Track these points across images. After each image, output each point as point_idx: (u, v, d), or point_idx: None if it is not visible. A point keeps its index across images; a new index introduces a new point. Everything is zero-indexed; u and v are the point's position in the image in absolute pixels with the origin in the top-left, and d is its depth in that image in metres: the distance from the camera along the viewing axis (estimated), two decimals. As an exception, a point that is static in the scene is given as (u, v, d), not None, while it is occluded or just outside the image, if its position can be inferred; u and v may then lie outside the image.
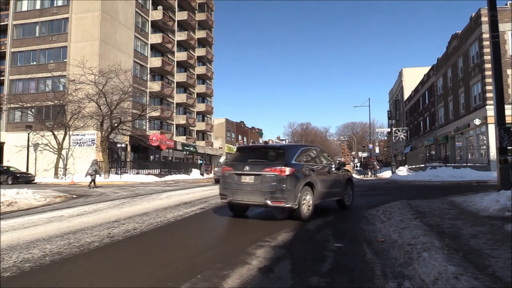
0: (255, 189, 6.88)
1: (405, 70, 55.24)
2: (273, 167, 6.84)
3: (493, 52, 8.81)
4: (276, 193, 6.69)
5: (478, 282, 3.09)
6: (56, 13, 35.78)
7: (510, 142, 9.06)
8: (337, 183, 8.56)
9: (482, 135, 25.80)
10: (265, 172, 6.84)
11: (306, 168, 7.34)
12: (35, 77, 35.56)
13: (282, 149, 7.52)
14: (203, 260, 4.38)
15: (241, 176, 7.12)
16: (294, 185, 6.75)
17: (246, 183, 7.03)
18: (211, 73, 58.79)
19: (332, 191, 8.33)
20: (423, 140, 42.81)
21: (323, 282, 3.52)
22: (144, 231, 6.19)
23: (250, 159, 7.43)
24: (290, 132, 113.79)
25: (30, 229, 6.45)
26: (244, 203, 7.24)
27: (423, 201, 9.14)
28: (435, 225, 5.79)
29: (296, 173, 6.89)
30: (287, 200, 6.68)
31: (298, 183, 6.83)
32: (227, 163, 8.49)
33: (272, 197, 6.70)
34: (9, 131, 35.32)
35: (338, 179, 8.61)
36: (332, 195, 8.39)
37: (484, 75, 24.20)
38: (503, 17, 22.67)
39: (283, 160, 7.00)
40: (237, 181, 7.15)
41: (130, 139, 35.10)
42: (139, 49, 40.85)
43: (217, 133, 62.58)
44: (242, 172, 7.11)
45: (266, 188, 6.76)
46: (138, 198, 12.46)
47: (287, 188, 6.67)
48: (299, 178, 6.89)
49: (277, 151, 7.59)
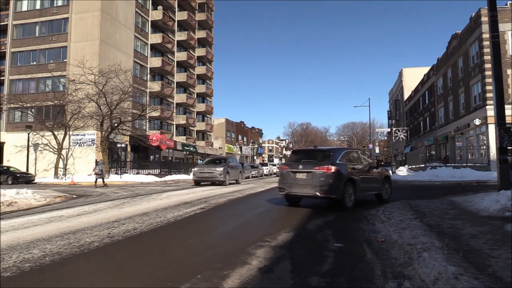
0: (307, 184, 8.58)
1: (405, 70, 55.24)
2: (321, 166, 8.45)
3: (493, 52, 8.80)
4: (323, 187, 8.27)
5: (478, 282, 3.08)
6: (56, 13, 35.78)
7: (510, 142, 9.06)
8: (376, 180, 9.98)
9: (482, 135, 25.80)
10: (315, 170, 8.48)
11: (349, 167, 8.84)
12: (35, 77, 35.56)
13: (329, 152, 9.18)
14: (203, 260, 4.38)
15: (296, 173, 8.87)
16: (338, 181, 8.28)
17: (300, 179, 8.75)
18: (211, 73, 58.80)
19: (371, 186, 9.76)
20: (423, 140, 42.81)
21: (323, 282, 3.52)
22: (144, 231, 6.19)
23: (303, 159, 9.18)
24: (290, 132, 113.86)
25: (30, 229, 6.45)
26: (298, 194, 9.00)
27: (423, 201, 9.14)
28: (435, 225, 5.79)
29: (340, 171, 8.41)
30: (333, 192, 8.27)
31: (342, 179, 8.36)
32: (284, 163, 10.72)
33: (321, 190, 8.29)
34: (9, 131, 35.32)
35: (376, 176, 10.03)
36: (371, 189, 9.85)
37: (484, 75, 24.19)
38: (503, 17, 22.67)
39: (329, 160, 8.59)
40: (292, 177, 8.91)
41: (130, 139, 35.11)
42: (139, 49, 40.84)
43: (217, 133, 62.58)
44: (297, 170, 8.87)
45: (316, 183, 8.38)
46: (138, 198, 12.46)
47: (332, 182, 8.23)
48: (342, 175, 8.42)
49: (324, 153, 9.19)
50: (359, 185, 8.94)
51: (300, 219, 7.41)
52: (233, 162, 22.25)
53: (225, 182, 19.18)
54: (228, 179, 19.68)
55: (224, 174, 19.10)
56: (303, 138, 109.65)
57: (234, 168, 21.29)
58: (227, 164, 20.32)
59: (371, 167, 9.93)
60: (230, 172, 20.17)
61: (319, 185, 8.32)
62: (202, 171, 19.50)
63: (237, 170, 21.73)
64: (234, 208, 9.77)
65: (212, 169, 19.28)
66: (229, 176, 19.98)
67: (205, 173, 19.32)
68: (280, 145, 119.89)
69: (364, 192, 9.39)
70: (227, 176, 19.56)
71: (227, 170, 19.55)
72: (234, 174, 20.96)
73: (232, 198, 12.19)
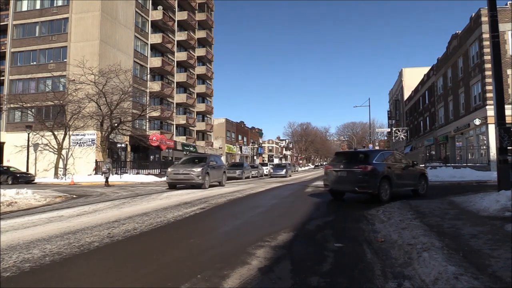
0: (348, 180, 10.03)
1: (405, 70, 55.23)
2: (360, 165, 9.80)
3: (493, 52, 8.80)
4: (361, 183, 9.58)
5: (478, 282, 3.08)
6: (56, 13, 35.77)
7: (510, 142, 9.06)
8: (411, 177, 11.09)
9: (482, 135, 25.79)
10: (354, 169, 9.88)
11: (384, 166, 10.06)
12: (35, 77, 35.55)
13: (366, 153, 10.66)
14: (203, 260, 4.38)
15: (338, 172, 10.40)
16: (374, 178, 9.52)
17: (341, 176, 10.28)
18: (211, 73, 58.80)
19: (406, 182, 10.91)
20: (423, 140, 42.80)
21: (323, 282, 3.52)
22: (144, 231, 6.19)
23: (344, 160, 10.77)
24: (290, 132, 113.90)
25: (30, 229, 6.44)
26: (340, 189, 10.76)
27: (423, 201, 9.14)
28: (435, 225, 5.79)
29: (376, 169, 9.68)
30: (369, 188, 9.54)
31: (377, 177, 9.57)
32: (328, 163, 12.31)
33: (359, 186, 9.62)
34: (9, 131, 35.31)
35: (411, 174, 11.16)
36: (406, 185, 10.97)
37: (484, 75, 24.19)
38: (503, 17, 22.67)
39: (367, 160, 9.97)
40: (335, 175, 10.47)
41: (130, 139, 35.10)
42: (139, 49, 40.84)
43: (217, 133, 62.57)
44: (339, 169, 10.41)
45: (355, 180, 9.73)
46: (138, 198, 12.46)
47: (369, 179, 9.51)
48: (378, 173, 9.64)
49: (362, 154, 10.63)
50: (394, 182, 10.12)
51: (300, 219, 7.42)
52: (216, 161, 19.58)
53: (204, 184, 16.64)
54: (208, 181, 17.10)
55: (202, 175, 16.58)
56: (303, 138, 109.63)
57: (217, 168, 18.68)
58: (207, 163, 17.70)
59: (407, 166, 11.14)
60: (211, 172, 17.60)
61: (358, 182, 9.63)
62: (177, 172, 16.95)
63: (219, 170, 19.07)
64: (234, 208, 9.77)
65: (189, 170, 16.71)
66: (210, 177, 17.38)
67: (179, 174, 16.83)
68: (280, 145, 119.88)
69: (399, 188, 10.58)
70: (207, 177, 17.02)
71: (206, 170, 17.00)
72: (216, 175, 18.36)
73: (232, 198, 12.19)
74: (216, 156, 20.77)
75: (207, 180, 17.05)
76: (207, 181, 17.03)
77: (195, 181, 16.48)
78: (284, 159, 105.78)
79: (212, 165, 18.22)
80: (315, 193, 14.13)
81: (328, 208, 9.30)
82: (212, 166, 17.99)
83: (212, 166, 18.12)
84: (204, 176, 16.72)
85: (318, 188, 16.68)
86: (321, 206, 9.73)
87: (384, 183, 9.71)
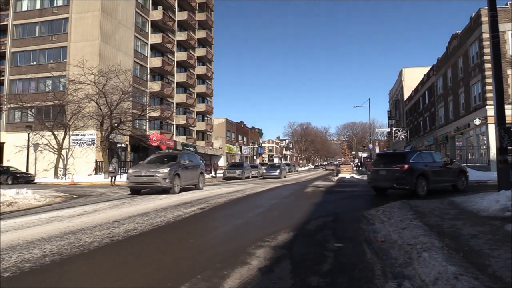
0: (387, 178, 11.41)
1: (405, 70, 55.21)
2: (397, 165, 11.10)
3: (493, 52, 8.80)
4: (399, 180, 10.89)
5: (478, 282, 3.08)
6: (56, 13, 35.77)
7: (510, 142, 9.05)
8: (449, 174, 12.18)
9: (482, 135, 25.79)
10: (392, 168, 11.23)
11: (421, 164, 11.23)
12: (35, 77, 35.55)
13: (404, 154, 12.16)
14: (203, 260, 4.38)
15: (379, 171, 11.89)
16: (410, 175, 10.74)
17: (382, 175, 11.71)
18: (211, 73, 58.80)
19: (445, 179, 12.02)
20: (423, 140, 42.80)
21: (323, 282, 3.52)
22: (144, 231, 6.19)
23: (384, 160, 12.30)
24: (290, 132, 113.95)
25: (30, 229, 6.44)
26: (381, 186, 12.12)
27: (423, 201, 9.14)
28: (435, 225, 5.79)
29: (412, 168, 10.89)
30: (406, 184, 10.81)
31: (413, 174, 10.79)
32: (371, 163, 13.81)
33: (397, 182, 10.95)
34: (9, 131, 35.31)
35: (450, 171, 12.23)
36: (445, 181, 12.07)
37: (484, 75, 24.19)
38: (503, 17, 22.66)
39: (404, 160, 11.22)
40: (376, 174, 11.98)
41: (130, 139, 35.10)
42: (139, 49, 40.84)
43: (217, 133, 62.57)
44: (379, 168, 11.90)
45: (393, 177, 11.06)
46: (138, 198, 12.46)
47: (405, 177, 10.76)
48: (414, 171, 10.84)
49: (400, 155, 12.22)
50: (431, 178, 11.21)
51: (300, 219, 7.42)
52: (191, 159, 16.31)
53: (173, 189, 13.76)
54: (178, 185, 14.14)
55: (170, 178, 13.60)
56: (303, 138, 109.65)
57: (191, 169, 15.71)
58: (178, 163, 14.71)
59: (446, 163, 12.26)
60: (183, 174, 14.68)
61: (396, 179, 10.95)
62: (139, 174, 13.85)
63: (194, 171, 16.09)
64: (234, 208, 9.78)
65: (153, 171, 13.69)
66: (181, 180, 14.41)
67: (142, 176, 13.73)
68: (280, 145, 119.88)
69: (437, 184, 11.72)
70: (177, 180, 14.06)
71: (176, 171, 14.05)
72: (189, 176, 15.47)
73: (232, 198, 12.19)
74: (191, 154, 17.72)
75: (177, 184, 14.12)
76: (177, 185, 14.11)
77: (161, 184, 13.54)
78: (284, 159, 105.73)
79: (185, 164, 15.22)
80: (315, 193, 14.13)
81: (328, 208, 9.30)
82: (184, 166, 15.05)
83: (184, 166, 15.14)
84: (173, 179, 13.80)
85: (318, 188, 16.68)
86: (321, 206, 9.74)
87: (421, 180, 10.89)
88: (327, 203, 10.59)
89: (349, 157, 69.56)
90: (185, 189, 15.70)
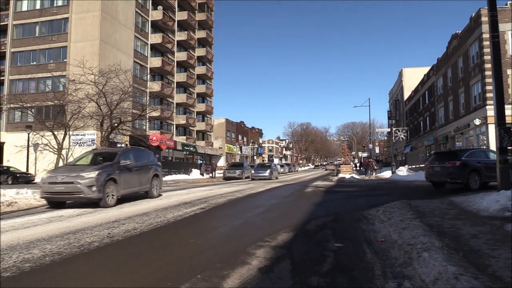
0: (441, 173, 12.94)
1: (405, 70, 55.20)
2: (450, 161, 12.53)
3: (493, 52, 8.80)
4: (452, 175, 12.31)
5: (478, 282, 3.08)
6: (56, 13, 35.77)
7: (510, 142, 9.06)
8: None
9: (482, 135, 25.78)
10: (446, 164, 12.72)
11: (474, 161, 12.38)
12: (35, 77, 35.55)
13: (456, 152, 13.80)
14: (203, 260, 4.37)
15: (434, 167, 13.51)
16: (462, 171, 12.07)
17: (437, 170, 13.27)
18: (211, 73, 58.80)
19: None
20: (423, 140, 42.79)
21: (323, 282, 3.51)
22: (144, 231, 6.19)
23: (439, 157, 13.91)
24: (290, 132, 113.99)
25: (30, 229, 6.44)
26: (436, 181, 13.74)
27: (423, 201, 9.14)
28: (435, 225, 5.79)
29: (464, 164, 12.18)
30: (458, 178, 12.20)
31: (465, 170, 12.04)
32: (428, 161, 15.34)
33: (450, 177, 12.40)
34: (9, 131, 35.31)
35: None
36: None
37: (484, 75, 24.18)
38: (503, 17, 22.66)
39: (456, 157, 12.76)
40: (432, 170, 13.58)
41: (130, 139, 35.09)
42: (139, 49, 40.84)
43: (217, 133, 62.57)
44: (435, 165, 13.54)
45: (447, 173, 12.55)
46: (138, 197, 12.43)
47: (457, 172, 12.15)
48: (466, 167, 12.08)
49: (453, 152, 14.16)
50: (484, 174, 12.05)
51: (300, 219, 7.42)
52: (136, 158, 11.66)
53: (104, 200, 9.53)
54: (113, 194, 9.90)
55: (99, 185, 9.40)
56: (303, 138, 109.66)
57: (137, 171, 11.32)
58: (116, 163, 10.46)
59: None
60: (123, 178, 10.40)
61: (448, 174, 12.32)
62: (53, 181, 9.63)
63: (144, 173, 11.72)
64: (234, 208, 9.78)
65: (73, 176, 9.48)
66: (119, 186, 10.16)
67: (58, 184, 9.52)
68: (280, 145, 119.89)
69: (490, 179, 12.19)
70: (111, 187, 9.83)
71: (109, 175, 9.85)
72: (134, 181, 11.11)
73: (232, 198, 12.19)
74: (139, 151, 12.75)
75: (112, 192, 9.86)
76: (112, 194, 9.85)
77: (84, 195, 9.31)
78: (284, 159, 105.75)
79: (126, 165, 10.74)
80: (315, 193, 14.13)
81: (328, 208, 9.30)
82: (125, 168, 10.66)
83: (126, 167, 10.71)
84: (103, 186, 9.48)
85: (318, 188, 16.69)
86: (321, 206, 9.74)
87: (473, 175, 12.01)
88: (327, 203, 10.59)
89: (349, 157, 69.64)
90: (132, 197, 11.56)
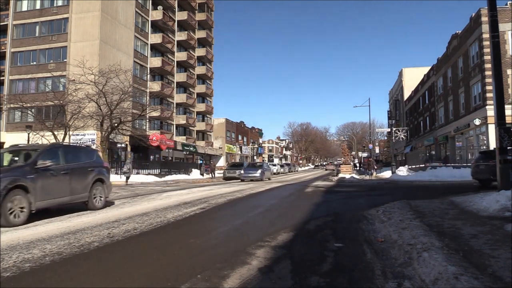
0: (486, 171, 13.73)
1: (405, 70, 55.21)
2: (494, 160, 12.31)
3: (493, 52, 8.79)
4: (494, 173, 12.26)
5: (478, 282, 3.08)
6: (56, 13, 35.77)
7: (510, 142, 9.06)
8: None
9: (482, 135, 25.79)
10: (490, 163, 12.85)
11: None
12: (35, 77, 35.55)
13: None
14: (203, 260, 4.38)
15: (479, 165, 14.62)
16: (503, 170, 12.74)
17: (482, 168, 14.34)
18: (211, 73, 58.80)
19: None
20: (423, 140, 42.80)
21: (323, 282, 3.52)
22: (144, 231, 6.19)
23: (484, 157, 14.69)
24: (290, 132, 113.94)
25: (30, 229, 6.44)
26: (482, 178, 14.63)
27: (423, 201, 9.14)
28: (435, 225, 5.79)
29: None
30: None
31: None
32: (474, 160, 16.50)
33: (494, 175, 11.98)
34: (9, 131, 35.31)
35: None
36: None
37: (484, 75, 24.19)
38: (503, 17, 22.66)
39: None
40: (478, 168, 14.67)
41: (130, 139, 35.10)
42: (139, 49, 40.84)
43: (217, 133, 62.57)
44: (480, 163, 14.60)
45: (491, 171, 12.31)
46: (138, 198, 12.46)
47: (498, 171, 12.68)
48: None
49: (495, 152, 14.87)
50: None
51: (300, 219, 7.42)
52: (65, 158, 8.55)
53: (6, 216, 6.55)
54: (23, 207, 6.96)
55: None
56: (303, 138, 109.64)
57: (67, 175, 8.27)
58: (30, 164, 7.53)
59: None
60: (40, 185, 7.43)
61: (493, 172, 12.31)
62: None
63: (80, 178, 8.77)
64: (234, 208, 9.78)
65: None
66: (31, 196, 7.13)
67: None
68: (280, 145, 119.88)
69: None
70: (19, 197, 6.90)
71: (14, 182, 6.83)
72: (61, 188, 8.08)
73: (232, 198, 12.19)
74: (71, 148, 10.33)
75: (21, 204, 6.95)
76: (20, 207, 6.93)
77: None
78: (284, 159, 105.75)
79: (46, 166, 7.71)
80: (315, 193, 14.14)
81: (328, 208, 9.30)
82: (45, 170, 7.70)
83: (46, 168, 7.72)
84: (5, 197, 6.60)
85: (318, 188, 16.69)
86: (321, 206, 9.74)
87: None
88: (327, 203, 10.59)
89: (349, 157, 69.68)
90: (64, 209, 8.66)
